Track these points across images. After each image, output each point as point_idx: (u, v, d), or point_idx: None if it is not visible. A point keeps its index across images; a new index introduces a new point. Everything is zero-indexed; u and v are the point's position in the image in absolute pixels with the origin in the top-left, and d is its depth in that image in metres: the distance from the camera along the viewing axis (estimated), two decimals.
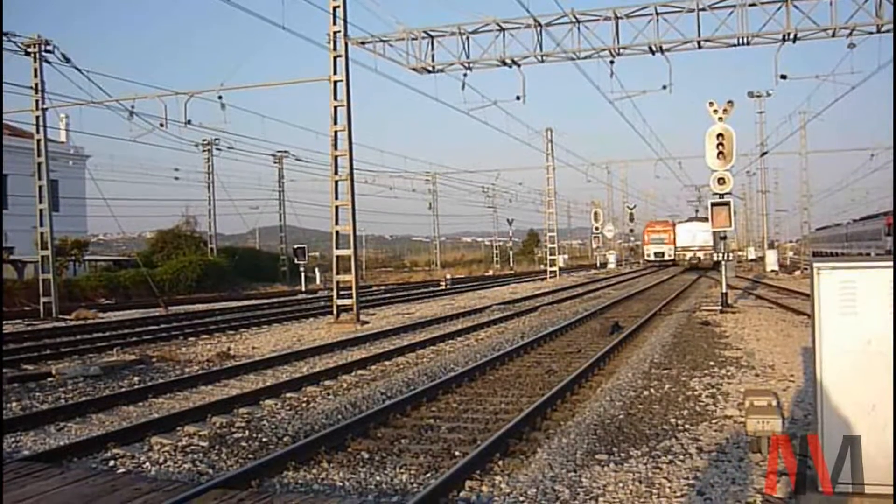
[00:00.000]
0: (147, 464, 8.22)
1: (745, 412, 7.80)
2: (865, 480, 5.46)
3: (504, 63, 25.61)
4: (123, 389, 12.65)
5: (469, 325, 21.67)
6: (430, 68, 26.16)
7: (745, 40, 23.64)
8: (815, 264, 5.69)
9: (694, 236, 66.81)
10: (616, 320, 20.80)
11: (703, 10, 23.49)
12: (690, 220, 74.12)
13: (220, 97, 27.91)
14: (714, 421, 9.53)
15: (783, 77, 26.12)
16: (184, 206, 63.69)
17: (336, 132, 23.56)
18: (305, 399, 11.66)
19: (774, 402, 7.87)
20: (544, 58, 25.27)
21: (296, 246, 51.31)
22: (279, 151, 56.10)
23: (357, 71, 35.19)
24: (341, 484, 7.38)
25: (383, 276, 71.15)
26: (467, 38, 25.63)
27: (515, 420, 9.22)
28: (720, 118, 23.04)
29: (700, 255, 65.17)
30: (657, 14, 23.77)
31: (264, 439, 9.14)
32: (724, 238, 26.33)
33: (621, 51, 24.74)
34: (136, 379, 14.01)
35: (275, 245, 64.36)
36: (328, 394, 12.07)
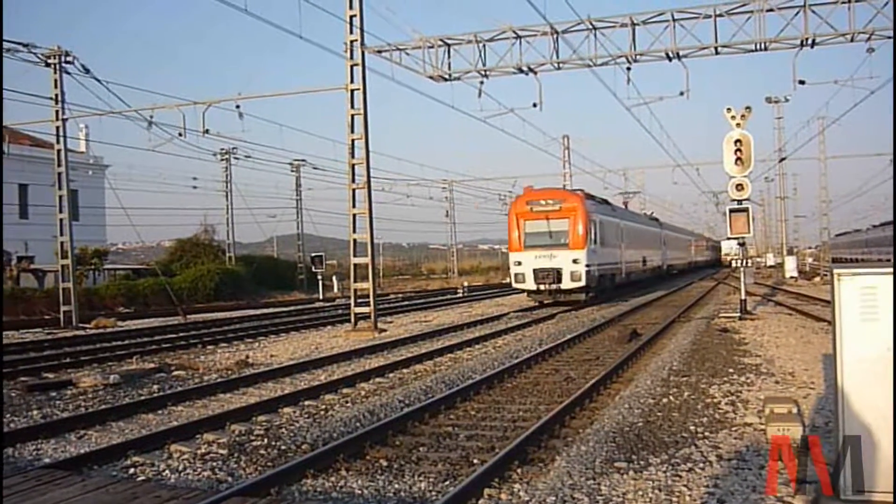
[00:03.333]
0: (167, 471, 8.26)
1: (765, 419, 7.76)
2: (885, 488, 5.41)
3: (520, 70, 25.60)
4: (143, 397, 12.71)
5: (486, 332, 21.64)
6: (447, 76, 26.20)
7: (762, 46, 23.54)
8: (836, 270, 5.66)
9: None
10: (634, 327, 20.71)
11: (720, 15, 23.42)
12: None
13: (237, 106, 28.09)
14: (734, 428, 9.46)
15: (801, 82, 25.96)
16: (202, 215, 64.24)
17: (353, 141, 23.64)
18: (324, 407, 11.67)
19: (795, 410, 7.83)
20: (561, 65, 25.27)
21: (313, 254, 51.50)
22: (296, 160, 56.47)
23: (374, 79, 35.30)
24: (360, 492, 7.37)
25: (400, 284, 71.27)
26: (483, 45, 25.66)
27: (534, 428, 9.19)
28: (738, 124, 22.92)
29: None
30: (674, 20, 23.73)
31: (283, 447, 9.16)
32: (743, 244, 26.21)
33: (638, 57, 24.69)
34: (155, 387, 14.08)
35: (292, 253, 64.60)
36: (346, 401, 12.09)
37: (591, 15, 24.06)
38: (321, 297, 47.41)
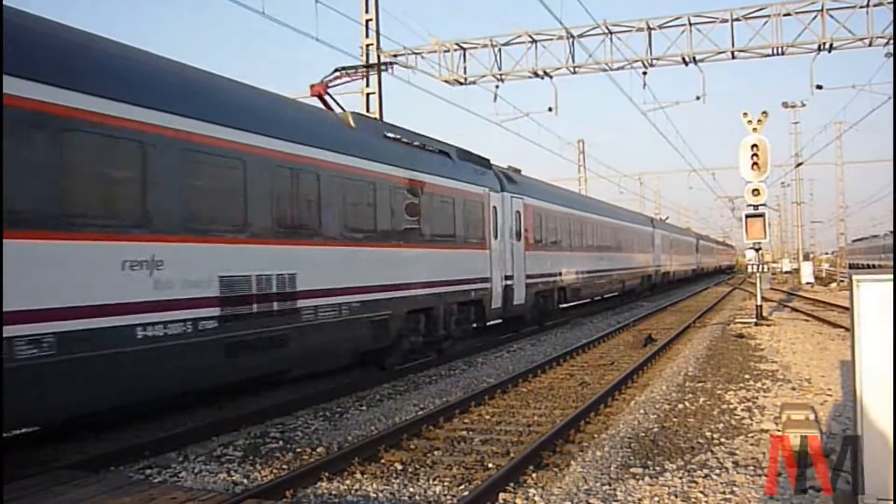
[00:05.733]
0: (183, 473, 8.29)
1: (781, 426, 7.71)
2: None
3: (536, 75, 25.65)
4: None
5: (500, 337, 21.60)
6: (463, 80, 26.27)
7: (779, 50, 23.49)
8: (855, 276, 5.63)
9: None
10: (649, 333, 20.64)
11: (737, 20, 23.41)
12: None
13: None
14: (750, 435, 9.42)
15: (819, 87, 25.92)
16: None
17: None
18: (339, 410, 11.69)
19: (812, 416, 7.78)
20: (577, 69, 25.29)
21: None
22: None
23: (389, 83, 35.53)
24: (375, 495, 7.39)
25: None
26: (499, 50, 25.74)
27: (549, 433, 9.19)
28: (754, 129, 22.82)
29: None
30: (690, 25, 23.71)
31: (298, 450, 9.19)
32: (759, 249, 26.09)
33: (654, 62, 24.70)
34: None
35: None
36: (361, 405, 12.10)
37: (607, 19, 24.14)
38: None
